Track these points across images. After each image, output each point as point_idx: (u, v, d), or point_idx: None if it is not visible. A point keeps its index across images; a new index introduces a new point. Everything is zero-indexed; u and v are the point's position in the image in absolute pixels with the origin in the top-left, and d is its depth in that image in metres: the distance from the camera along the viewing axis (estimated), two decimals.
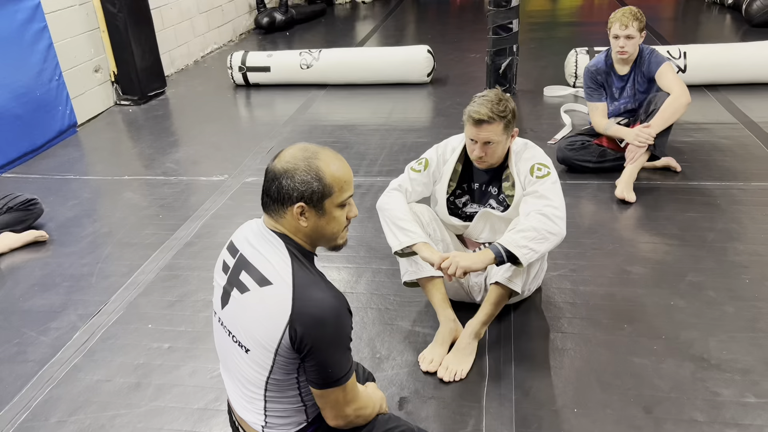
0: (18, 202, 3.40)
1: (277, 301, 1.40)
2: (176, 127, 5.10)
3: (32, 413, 2.24)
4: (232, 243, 1.57)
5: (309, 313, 1.38)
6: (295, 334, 1.38)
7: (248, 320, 1.45)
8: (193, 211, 3.64)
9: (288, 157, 1.46)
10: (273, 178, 1.45)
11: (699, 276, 2.77)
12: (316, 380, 1.45)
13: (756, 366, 2.24)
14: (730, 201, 3.37)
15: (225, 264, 1.55)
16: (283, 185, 1.43)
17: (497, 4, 4.84)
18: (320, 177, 1.43)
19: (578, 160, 3.75)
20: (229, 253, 1.55)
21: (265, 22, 8.07)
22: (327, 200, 1.45)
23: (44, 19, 4.66)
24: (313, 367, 1.42)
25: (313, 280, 1.44)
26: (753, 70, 4.99)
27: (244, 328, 1.46)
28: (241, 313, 1.47)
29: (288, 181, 1.42)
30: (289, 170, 1.43)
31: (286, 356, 1.42)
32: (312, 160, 1.44)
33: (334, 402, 1.48)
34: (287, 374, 1.47)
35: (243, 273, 1.48)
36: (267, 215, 1.50)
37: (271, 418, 1.53)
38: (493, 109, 2.26)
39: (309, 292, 1.41)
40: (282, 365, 1.44)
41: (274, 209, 1.47)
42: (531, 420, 2.08)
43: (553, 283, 2.77)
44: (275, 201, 1.45)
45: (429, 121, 4.90)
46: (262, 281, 1.44)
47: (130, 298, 2.87)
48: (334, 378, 1.44)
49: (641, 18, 3.47)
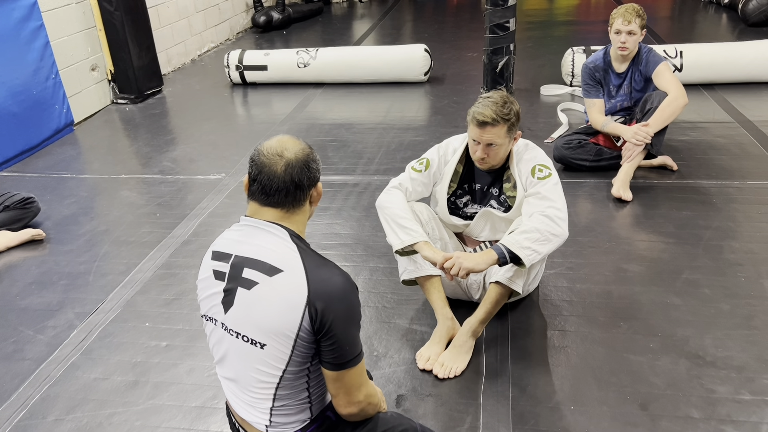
0: (15, 200, 3.40)
1: (292, 286, 1.43)
2: (173, 126, 5.10)
3: (29, 411, 2.24)
4: (216, 251, 1.56)
5: (325, 290, 1.43)
6: (315, 312, 1.41)
7: (262, 313, 1.45)
8: (190, 209, 3.64)
9: (289, 145, 1.52)
10: (301, 167, 1.50)
11: (695, 274, 2.78)
12: (333, 360, 1.46)
13: (751, 363, 2.25)
14: (726, 199, 3.39)
15: (217, 272, 1.53)
16: (312, 168, 1.53)
17: (494, 3, 4.84)
18: (316, 159, 1.56)
19: (575, 159, 3.76)
20: (217, 260, 1.55)
21: (262, 21, 8.06)
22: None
23: (41, 18, 4.65)
24: (331, 346, 1.44)
25: (321, 262, 1.48)
26: (749, 69, 5.01)
27: (258, 322, 1.46)
28: (252, 308, 1.47)
29: (314, 164, 1.54)
30: (309, 154, 1.53)
31: (305, 341, 1.44)
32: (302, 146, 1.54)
33: (349, 386, 1.50)
34: (301, 365, 1.48)
35: (245, 270, 1.48)
36: (274, 209, 1.51)
37: (276, 416, 1.54)
38: (498, 111, 2.26)
39: (320, 272, 1.45)
40: (300, 353, 1.46)
41: (296, 198, 1.51)
42: (528, 417, 2.09)
43: (550, 281, 2.78)
44: (301, 188, 1.51)
45: (426, 120, 4.90)
46: (272, 270, 1.45)
47: (127, 296, 2.87)
48: (350, 356, 1.47)
49: (643, 15, 3.49)
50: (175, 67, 6.71)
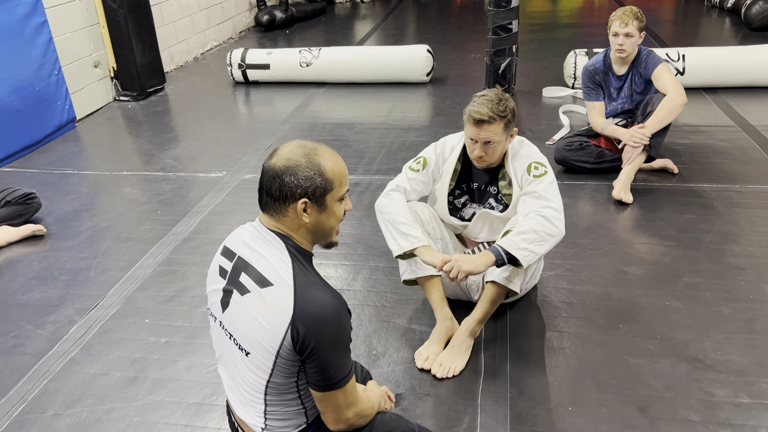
0: (16, 196, 3.40)
1: (278, 302, 1.40)
2: (175, 124, 5.10)
3: (29, 406, 2.24)
4: (226, 247, 1.56)
5: (311, 313, 1.38)
6: (297, 334, 1.38)
7: (249, 322, 1.44)
8: (192, 207, 3.64)
9: (287, 154, 1.46)
10: (274, 175, 1.44)
11: (695, 277, 2.78)
12: (317, 382, 1.44)
13: (750, 367, 2.25)
14: (727, 203, 3.39)
15: (222, 269, 1.54)
16: (286, 182, 1.43)
17: (497, 5, 4.85)
18: (322, 172, 1.45)
19: (576, 161, 3.76)
20: (224, 257, 1.55)
21: (265, 20, 8.07)
22: (328, 195, 1.47)
23: (44, 14, 4.66)
24: (315, 369, 1.42)
25: (313, 281, 1.44)
26: (751, 73, 5.01)
27: (245, 330, 1.45)
28: (242, 315, 1.46)
29: (291, 178, 1.42)
30: (291, 167, 1.43)
31: (287, 358, 1.42)
32: (312, 156, 1.45)
33: (335, 406, 1.48)
34: (287, 378, 1.46)
35: (243, 275, 1.48)
36: (266, 215, 1.50)
37: (270, 420, 1.53)
38: (494, 109, 2.26)
39: (310, 292, 1.41)
40: (282, 368, 1.44)
41: (275, 208, 1.46)
42: (526, 418, 2.09)
43: (549, 283, 2.78)
44: (277, 199, 1.45)
45: (428, 121, 4.91)
46: (263, 282, 1.43)
47: (127, 292, 2.87)
48: (335, 380, 1.44)
49: (641, 18, 3.49)
50: (178, 65, 6.72)
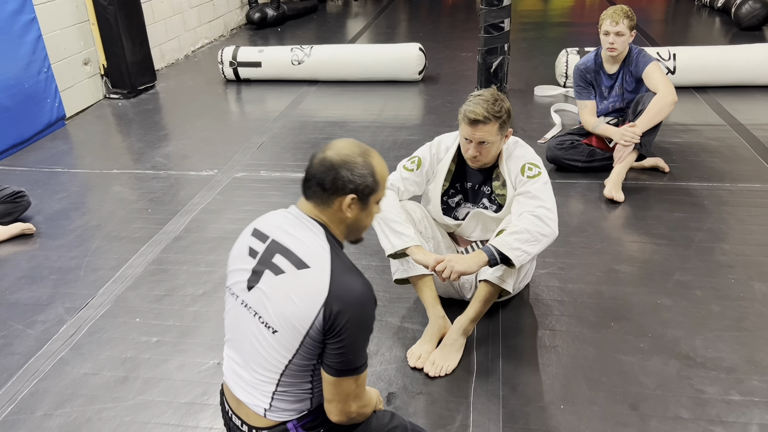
0: (5, 194, 3.37)
1: (314, 284, 1.46)
2: (166, 122, 5.07)
3: (18, 406, 2.22)
4: (257, 230, 1.60)
5: (345, 295, 1.45)
6: (330, 313, 1.43)
7: (281, 301, 1.48)
8: (182, 205, 3.62)
9: (344, 149, 1.52)
10: (330, 167, 1.50)
11: (686, 275, 2.79)
12: (335, 365, 1.47)
13: (740, 364, 2.27)
14: (717, 202, 3.40)
15: (252, 249, 1.58)
16: (341, 176, 1.49)
17: (489, 3, 4.84)
18: (374, 173, 1.53)
19: (567, 160, 3.77)
20: (256, 239, 1.59)
21: (256, 18, 8.04)
22: (373, 195, 1.55)
23: (33, 11, 4.61)
24: (337, 350, 1.46)
25: (348, 267, 1.51)
26: (741, 72, 5.04)
27: (276, 308, 1.48)
28: (274, 294, 1.50)
29: (347, 173, 1.50)
30: (349, 162, 1.50)
31: (314, 338, 1.46)
32: (367, 156, 1.54)
33: (345, 395, 1.51)
34: (308, 360, 1.50)
35: (277, 256, 1.52)
36: (310, 203, 1.55)
37: (277, 401, 1.55)
38: (489, 109, 2.25)
39: (345, 276, 1.47)
40: (307, 348, 1.47)
41: (323, 198, 1.52)
42: (518, 416, 2.09)
43: (541, 281, 2.78)
44: (326, 190, 1.50)
45: (420, 119, 4.90)
46: (300, 264, 1.48)
47: (118, 291, 2.86)
48: (353, 365, 1.49)
49: (632, 16, 3.50)
50: (169, 63, 6.68)
